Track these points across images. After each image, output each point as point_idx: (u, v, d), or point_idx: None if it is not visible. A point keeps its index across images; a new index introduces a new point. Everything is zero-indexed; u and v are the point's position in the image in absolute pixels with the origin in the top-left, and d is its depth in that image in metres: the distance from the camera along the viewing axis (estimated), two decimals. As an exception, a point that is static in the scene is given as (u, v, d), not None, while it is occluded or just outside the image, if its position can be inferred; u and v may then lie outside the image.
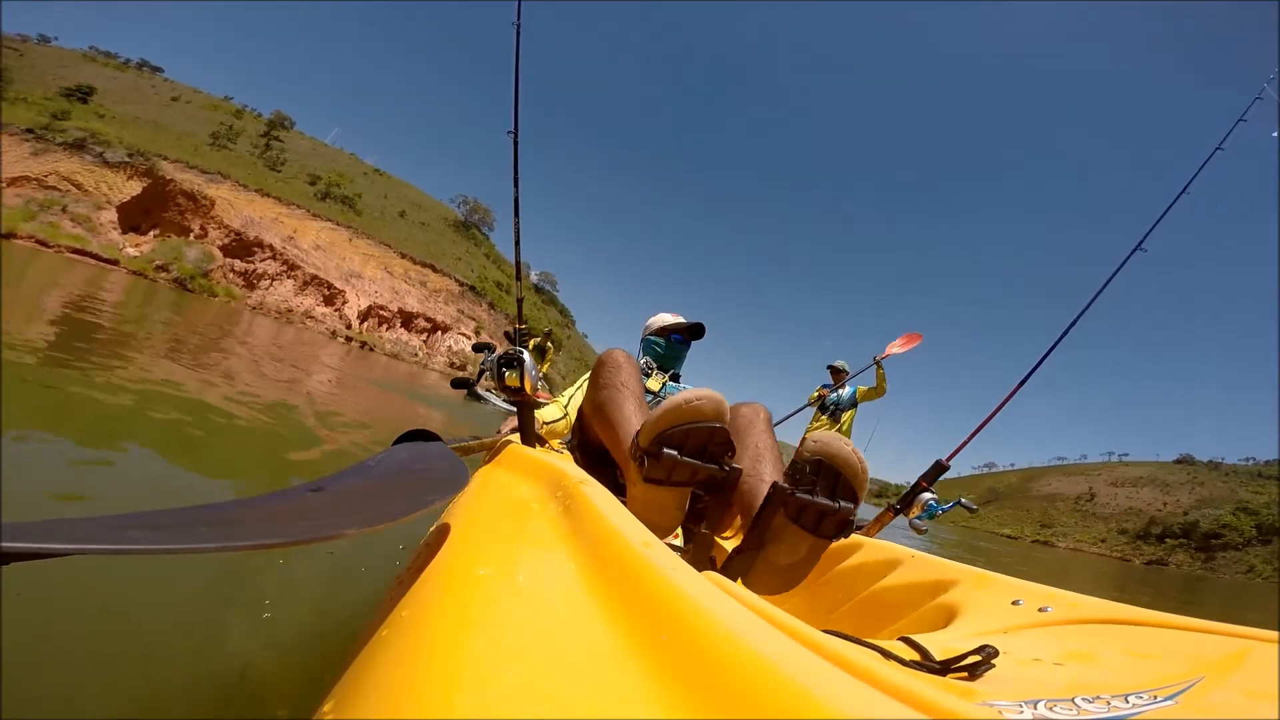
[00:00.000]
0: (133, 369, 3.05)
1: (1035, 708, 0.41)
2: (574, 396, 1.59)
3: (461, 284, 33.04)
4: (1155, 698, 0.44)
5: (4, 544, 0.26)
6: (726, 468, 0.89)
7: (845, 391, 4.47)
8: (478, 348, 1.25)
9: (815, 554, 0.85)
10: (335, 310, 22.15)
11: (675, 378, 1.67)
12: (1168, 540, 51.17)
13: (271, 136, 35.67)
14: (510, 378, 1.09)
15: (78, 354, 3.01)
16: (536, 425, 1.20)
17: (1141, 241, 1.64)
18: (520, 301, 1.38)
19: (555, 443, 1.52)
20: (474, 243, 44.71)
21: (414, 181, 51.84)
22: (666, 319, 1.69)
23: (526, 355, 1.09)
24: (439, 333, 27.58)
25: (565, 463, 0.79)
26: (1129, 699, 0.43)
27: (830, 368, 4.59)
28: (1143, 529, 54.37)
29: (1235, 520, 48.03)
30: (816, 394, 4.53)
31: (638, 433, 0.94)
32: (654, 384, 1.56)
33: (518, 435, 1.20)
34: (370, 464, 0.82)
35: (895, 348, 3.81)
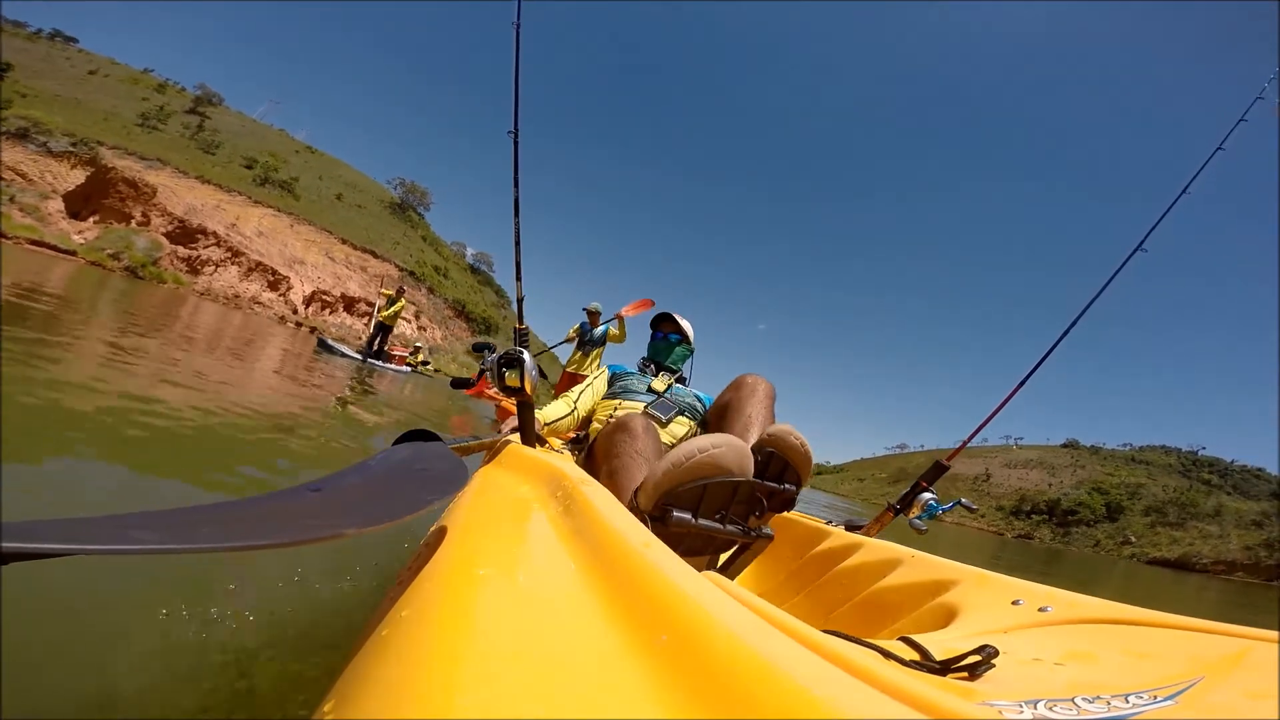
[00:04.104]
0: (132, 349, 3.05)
1: (1035, 708, 0.41)
2: (582, 394, 1.58)
3: (401, 269, 32.97)
4: (1155, 698, 0.44)
5: (4, 544, 0.26)
6: (753, 531, 0.76)
7: (598, 331, 5.25)
8: (477, 347, 1.25)
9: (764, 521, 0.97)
10: (280, 296, 22.50)
11: (682, 380, 1.66)
12: (1034, 516, 54.89)
13: (200, 115, 34.47)
14: (510, 377, 1.09)
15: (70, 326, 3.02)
16: (538, 425, 1.20)
17: (1143, 242, 1.64)
18: (520, 301, 1.37)
19: (556, 442, 1.51)
20: (410, 225, 43.80)
21: (345, 158, 50.26)
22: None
23: (526, 355, 1.09)
24: (380, 316, 28.30)
25: (565, 463, 0.79)
26: (1129, 699, 0.43)
27: (585, 309, 5.35)
28: (1015, 506, 57.92)
29: (1089, 499, 51.65)
30: (575, 330, 5.31)
31: (636, 491, 0.77)
32: (659, 384, 1.54)
33: (518, 435, 1.20)
34: (370, 464, 0.82)
35: (629, 310, 4.98)
